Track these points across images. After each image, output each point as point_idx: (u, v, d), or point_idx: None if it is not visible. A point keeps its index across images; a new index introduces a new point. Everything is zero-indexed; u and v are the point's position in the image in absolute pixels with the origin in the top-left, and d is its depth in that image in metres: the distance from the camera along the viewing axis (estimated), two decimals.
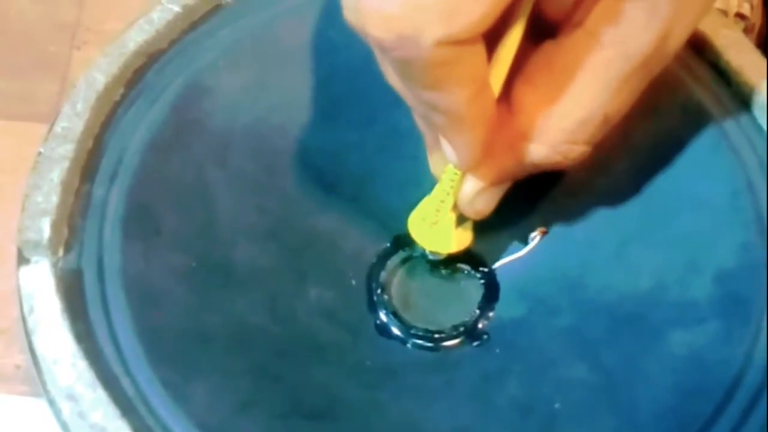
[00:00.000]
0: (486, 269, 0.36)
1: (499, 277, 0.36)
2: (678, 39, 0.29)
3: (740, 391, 0.30)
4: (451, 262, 0.36)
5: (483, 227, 0.35)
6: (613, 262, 0.34)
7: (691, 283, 0.32)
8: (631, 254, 0.34)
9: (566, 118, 0.30)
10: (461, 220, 0.34)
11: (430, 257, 0.35)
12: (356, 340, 0.34)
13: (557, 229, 0.35)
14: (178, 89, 0.35)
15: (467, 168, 0.31)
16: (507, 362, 0.33)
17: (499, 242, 0.36)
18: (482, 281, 0.36)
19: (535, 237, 0.35)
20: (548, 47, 0.30)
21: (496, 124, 0.30)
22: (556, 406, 0.31)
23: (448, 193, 0.33)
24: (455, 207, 0.33)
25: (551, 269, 0.35)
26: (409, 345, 0.34)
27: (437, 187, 0.33)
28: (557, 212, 0.35)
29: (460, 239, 0.34)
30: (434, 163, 0.34)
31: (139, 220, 0.32)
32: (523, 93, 0.31)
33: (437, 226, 0.34)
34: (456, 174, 0.32)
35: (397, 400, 0.32)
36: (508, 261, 0.36)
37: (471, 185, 0.32)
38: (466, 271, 0.36)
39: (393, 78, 0.31)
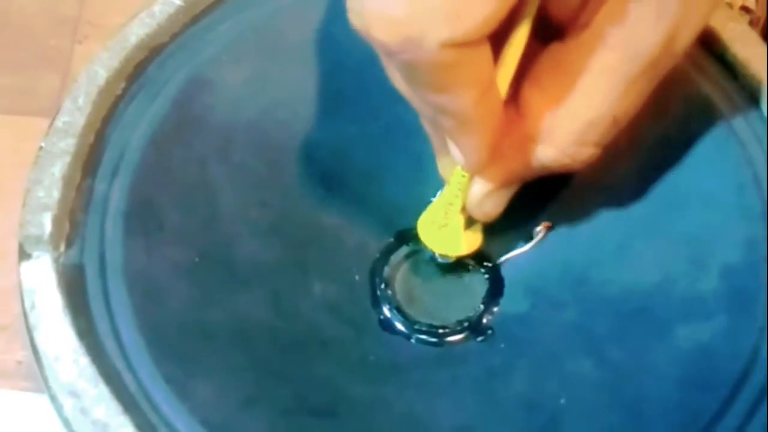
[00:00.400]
0: (490, 264, 0.36)
1: (504, 272, 0.35)
2: (686, 39, 0.29)
3: (747, 386, 0.29)
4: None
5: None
6: (619, 257, 0.34)
7: (698, 277, 0.32)
8: (636, 249, 0.34)
9: (575, 120, 0.30)
10: (470, 222, 0.34)
11: (440, 260, 0.35)
12: (360, 336, 0.34)
13: (562, 224, 0.35)
14: (180, 83, 0.35)
15: (475, 170, 0.31)
16: (512, 357, 0.33)
17: (504, 237, 0.36)
18: (487, 276, 0.35)
19: (540, 232, 0.35)
20: (555, 49, 0.30)
21: (504, 126, 0.30)
22: (562, 401, 0.31)
23: (456, 196, 0.33)
24: (464, 209, 0.33)
25: (556, 264, 0.35)
26: (413, 340, 0.34)
27: (446, 190, 0.33)
28: (562, 206, 0.35)
29: (469, 242, 0.34)
30: (443, 166, 0.34)
31: (141, 215, 0.32)
32: (531, 95, 0.31)
33: (446, 229, 0.34)
34: (464, 176, 0.32)
35: (401, 395, 0.32)
36: (512, 256, 0.36)
37: (480, 187, 0.32)
38: (470, 266, 0.36)
39: (399, 82, 0.31)
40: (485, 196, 0.32)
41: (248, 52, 0.36)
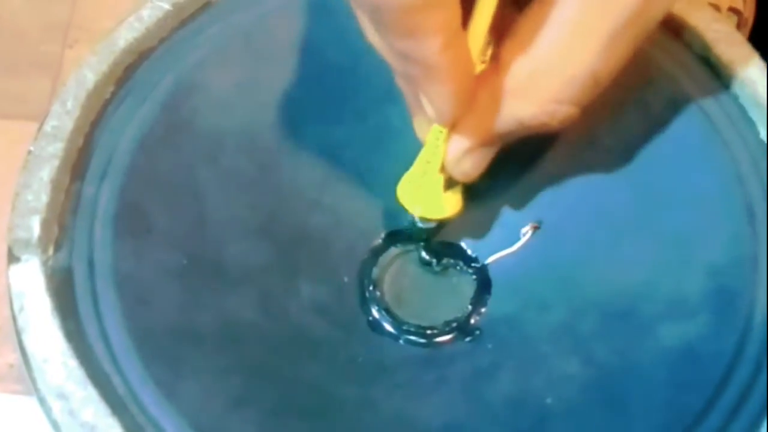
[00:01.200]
0: (478, 265, 0.36)
1: (492, 273, 0.36)
2: None
3: (731, 385, 0.30)
4: (442, 253, 0.36)
5: (475, 222, 0.35)
6: (605, 257, 0.34)
7: (683, 277, 0.32)
8: (622, 249, 0.34)
9: (553, 76, 0.30)
10: (451, 184, 0.33)
11: (420, 225, 0.34)
12: (348, 337, 0.34)
13: (549, 225, 0.35)
14: (169, 87, 0.35)
15: (445, 121, 0.31)
16: (499, 358, 0.33)
17: (491, 238, 0.36)
18: (474, 277, 0.36)
19: (527, 232, 0.35)
20: (535, 6, 0.30)
21: (480, 79, 0.30)
22: (548, 401, 0.31)
23: (434, 154, 0.32)
24: (443, 169, 0.32)
25: (543, 264, 0.35)
26: (401, 341, 0.34)
27: (423, 150, 0.33)
28: (549, 207, 0.35)
29: (450, 204, 0.33)
30: (418, 125, 0.33)
31: (130, 218, 0.32)
32: (509, 50, 0.30)
33: (425, 190, 0.33)
34: (441, 132, 0.31)
35: (389, 396, 0.32)
36: (500, 256, 0.36)
37: (458, 144, 0.31)
38: (458, 267, 0.36)
39: (370, 32, 0.31)
40: (463, 153, 0.31)
41: (236, 56, 0.36)
